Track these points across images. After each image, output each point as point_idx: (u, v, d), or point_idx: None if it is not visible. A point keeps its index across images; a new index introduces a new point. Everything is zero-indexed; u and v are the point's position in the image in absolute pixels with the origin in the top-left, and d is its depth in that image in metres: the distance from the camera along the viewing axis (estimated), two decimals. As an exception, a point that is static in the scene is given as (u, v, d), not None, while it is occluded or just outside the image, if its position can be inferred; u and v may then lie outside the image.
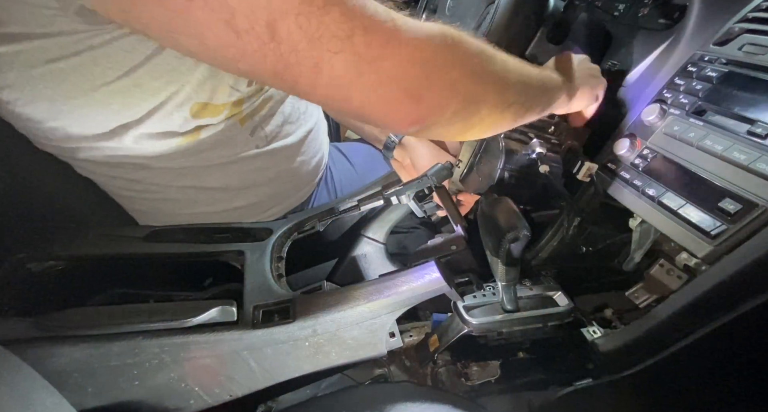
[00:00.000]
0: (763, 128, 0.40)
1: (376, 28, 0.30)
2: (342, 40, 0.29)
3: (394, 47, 0.30)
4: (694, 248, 0.41)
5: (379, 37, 0.30)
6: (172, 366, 0.41)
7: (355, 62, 0.30)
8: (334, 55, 0.29)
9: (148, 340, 0.40)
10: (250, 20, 0.27)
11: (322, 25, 0.28)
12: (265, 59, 0.29)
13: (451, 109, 0.34)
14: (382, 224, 0.68)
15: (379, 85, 0.31)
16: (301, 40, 0.28)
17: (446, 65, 0.33)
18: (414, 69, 0.31)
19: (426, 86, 0.32)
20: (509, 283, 0.49)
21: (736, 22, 0.49)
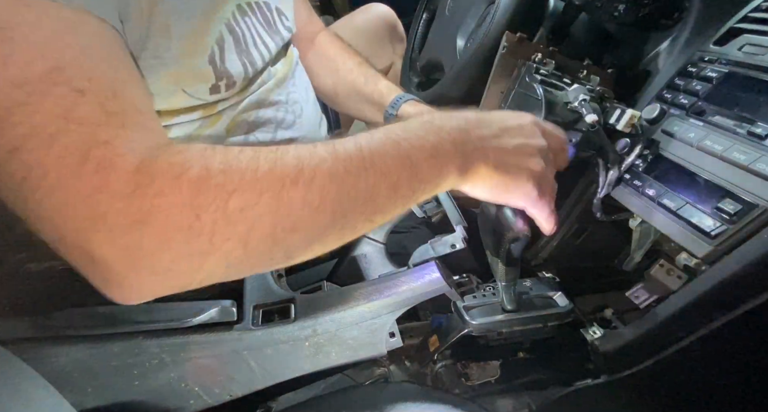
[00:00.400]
0: (763, 128, 0.40)
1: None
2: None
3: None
4: (694, 248, 0.41)
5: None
6: (171, 366, 0.41)
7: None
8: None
9: (148, 340, 0.40)
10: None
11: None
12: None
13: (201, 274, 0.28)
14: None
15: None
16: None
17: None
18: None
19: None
20: (509, 283, 0.49)
21: (736, 22, 0.49)
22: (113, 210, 0.25)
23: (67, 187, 0.25)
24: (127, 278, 0.27)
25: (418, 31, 0.90)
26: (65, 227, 0.26)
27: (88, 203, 0.25)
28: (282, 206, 0.28)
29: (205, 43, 0.44)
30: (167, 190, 0.26)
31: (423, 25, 0.89)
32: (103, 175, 0.25)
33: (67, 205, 0.25)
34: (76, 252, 0.27)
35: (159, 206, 0.26)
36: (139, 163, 0.26)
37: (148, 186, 0.26)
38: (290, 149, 0.30)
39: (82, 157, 0.25)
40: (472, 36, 0.72)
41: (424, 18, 0.89)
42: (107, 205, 0.25)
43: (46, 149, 0.25)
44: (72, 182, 0.25)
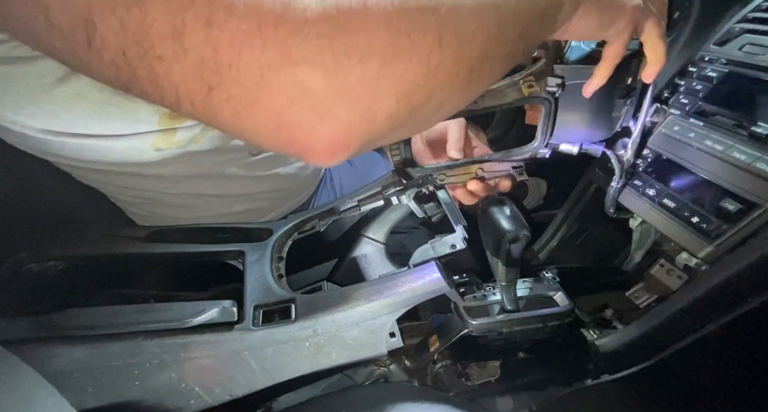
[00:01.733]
0: (763, 128, 0.40)
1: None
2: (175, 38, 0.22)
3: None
4: (694, 248, 0.41)
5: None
6: (172, 366, 0.41)
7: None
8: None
9: (149, 340, 0.40)
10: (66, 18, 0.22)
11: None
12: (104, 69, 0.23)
13: (383, 116, 0.27)
14: (383, 224, 0.68)
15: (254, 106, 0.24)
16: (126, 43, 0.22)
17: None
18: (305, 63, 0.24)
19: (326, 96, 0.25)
20: (509, 283, 0.49)
21: (736, 22, 0.49)
22: (313, 18, 0.24)
23: (259, 11, 0.23)
24: (340, 98, 0.25)
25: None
26: (267, 55, 0.23)
27: (287, 19, 0.23)
28: (461, 12, 0.28)
29: None
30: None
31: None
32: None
33: (263, 28, 0.23)
34: (283, 84, 0.24)
35: (358, 3, 0.25)
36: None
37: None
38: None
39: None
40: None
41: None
42: (306, 14, 0.23)
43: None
44: (262, 5, 0.23)
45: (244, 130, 0.27)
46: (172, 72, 0.23)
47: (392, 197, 0.57)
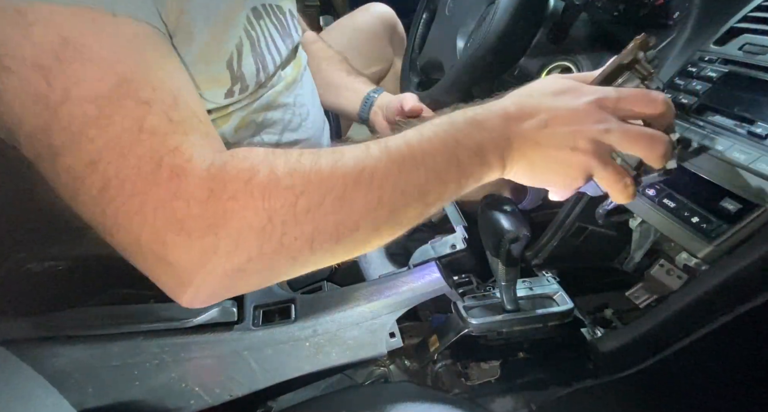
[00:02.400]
0: (763, 128, 0.40)
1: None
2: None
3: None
4: (694, 248, 0.41)
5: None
6: (172, 366, 0.41)
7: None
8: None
9: (149, 340, 0.40)
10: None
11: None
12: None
13: (247, 284, 0.31)
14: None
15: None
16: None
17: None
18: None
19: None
20: (509, 283, 0.49)
21: (736, 22, 0.49)
22: (190, 215, 0.27)
23: (145, 194, 0.26)
24: (201, 280, 0.28)
25: (418, 31, 0.90)
26: (142, 233, 0.27)
27: (166, 209, 0.26)
28: (345, 205, 0.29)
29: (224, 48, 0.45)
30: (240, 195, 0.27)
31: (423, 25, 0.89)
32: (177, 182, 0.27)
33: (145, 211, 0.26)
34: (150, 257, 0.28)
35: (233, 210, 0.27)
36: (209, 168, 0.28)
37: (222, 191, 0.27)
38: (346, 151, 0.31)
39: (156, 165, 0.26)
40: (472, 36, 0.72)
41: (424, 18, 0.89)
42: (185, 210, 0.27)
43: (122, 160, 0.26)
44: (149, 189, 0.26)
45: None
46: (71, 205, 0.29)
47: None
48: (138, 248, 0.28)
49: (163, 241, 0.27)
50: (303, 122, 0.63)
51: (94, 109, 0.26)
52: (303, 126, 0.63)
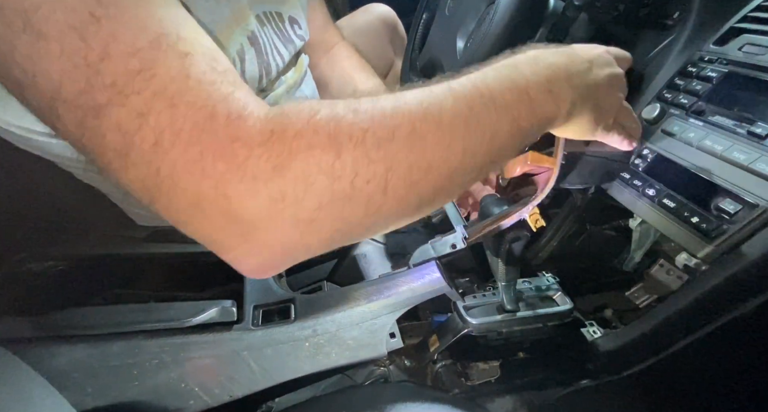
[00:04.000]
0: (763, 128, 0.40)
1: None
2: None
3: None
4: (694, 248, 0.41)
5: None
6: (171, 366, 0.41)
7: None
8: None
9: (148, 340, 0.40)
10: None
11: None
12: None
13: (314, 247, 0.28)
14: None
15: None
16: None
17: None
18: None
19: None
20: (509, 283, 0.49)
21: (736, 22, 0.49)
22: (253, 157, 0.25)
23: (202, 143, 0.24)
24: (271, 235, 0.26)
25: (418, 31, 0.90)
26: (202, 186, 0.25)
27: (227, 154, 0.25)
28: (416, 143, 0.28)
29: (226, 55, 0.45)
30: (304, 132, 0.26)
31: (423, 25, 0.89)
32: (236, 126, 0.25)
33: (204, 161, 0.25)
34: (214, 214, 0.25)
35: (299, 148, 0.25)
36: (268, 113, 0.26)
37: (284, 131, 0.25)
38: (406, 93, 0.30)
39: (210, 113, 0.25)
40: (472, 36, 0.72)
41: (424, 18, 0.89)
42: (246, 152, 0.25)
43: (173, 109, 0.24)
44: (206, 137, 0.25)
45: (186, 232, 0.28)
46: (119, 178, 0.26)
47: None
48: (199, 207, 0.26)
49: (226, 192, 0.25)
50: None
51: (136, 62, 0.25)
52: None
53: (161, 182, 0.25)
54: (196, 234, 0.27)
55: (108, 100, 0.24)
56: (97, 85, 0.24)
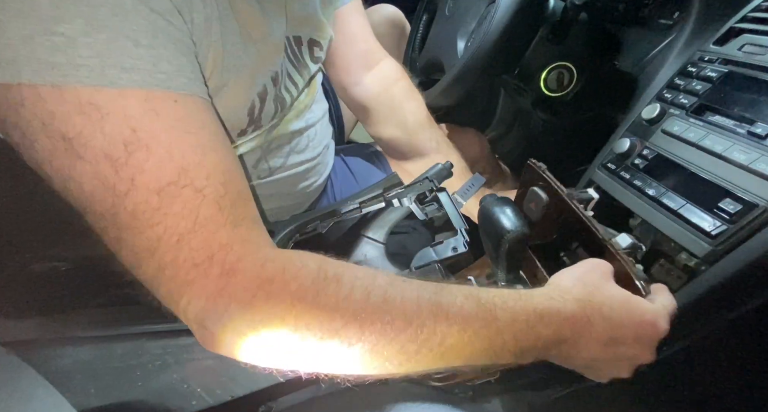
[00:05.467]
0: (763, 128, 0.40)
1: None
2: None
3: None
4: (694, 248, 0.41)
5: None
6: (174, 367, 0.41)
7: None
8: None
9: (152, 341, 0.40)
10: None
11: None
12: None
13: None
14: (382, 224, 0.68)
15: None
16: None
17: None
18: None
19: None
20: (509, 283, 0.49)
21: (736, 22, 0.49)
22: (232, 311, 0.29)
23: (195, 284, 0.29)
24: (222, 348, 0.31)
25: (418, 32, 0.90)
26: (188, 311, 0.29)
27: (212, 301, 0.29)
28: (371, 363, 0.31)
29: (247, 98, 0.45)
30: (281, 313, 0.29)
31: (423, 26, 0.89)
32: (226, 280, 0.29)
33: (192, 297, 0.29)
34: (188, 319, 0.30)
35: (271, 319, 0.29)
36: (259, 274, 0.29)
37: (264, 302, 0.29)
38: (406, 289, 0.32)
39: (208, 259, 0.29)
40: (472, 36, 0.72)
41: (424, 18, 0.89)
42: (226, 306, 0.28)
43: (177, 250, 0.29)
44: (200, 280, 0.29)
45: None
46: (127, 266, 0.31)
47: (394, 200, 0.58)
48: (182, 316, 0.30)
49: (203, 321, 0.29)
50: (310, 143, 0.61)
51: (156, 199, 0.28)
52: (310, 146, 0.62)
53: (160, 292, 0.30)
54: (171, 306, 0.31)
55: (127, 226, 0.29)
56: (121, 211, 0.29)
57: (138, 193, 0.28)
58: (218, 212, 0.30)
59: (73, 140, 0.28)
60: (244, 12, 0.41)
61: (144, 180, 0.28)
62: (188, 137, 0.30)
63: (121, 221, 0.29)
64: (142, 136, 0.29)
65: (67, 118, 0.28)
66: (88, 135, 0.28)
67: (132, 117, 0.29)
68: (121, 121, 0.28)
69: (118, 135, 0.28)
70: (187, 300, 0.29)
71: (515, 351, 0.33)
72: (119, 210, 0.28)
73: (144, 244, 0.29)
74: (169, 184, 0.29)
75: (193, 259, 0.29)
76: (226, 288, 0.28)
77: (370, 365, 0.31)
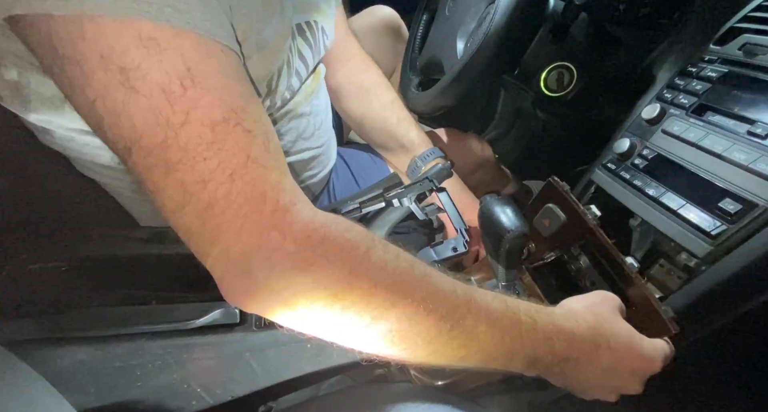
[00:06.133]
0: (763, 128, 0.40)
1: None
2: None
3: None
4: (694, 248, 0.41)
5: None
6: (174, 367, 0.41)
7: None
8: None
9: (152, 341, 0.40)
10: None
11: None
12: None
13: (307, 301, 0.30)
14: (382, 224, 0.68)
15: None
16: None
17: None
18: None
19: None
20: (509, 283, 0.49)
21: (736, 22, 0.49)
22: (282, 249, 0.28)
23: (248, 218, 0.28)
24: (259, 296, 0.30)
25: (418, 32, 0.90)
26: (232, 249, 0.29)
27: (262, 237, 0.28)
28: (418, 320, 0.31)
29: (269, 70, 0.46)
30: (333, 258, 0.29)
31: (423, 26, 0.89)
32: (280, 218, 0.29)
33: (242, 232, 0.28)
34: (232, 266, 0.29)
35: (320, 267, 0.29)
36: (314, 220, 0.29)
37: (318, 245, 0.29)
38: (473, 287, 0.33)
39: (261, 195, 0.29)
40: (472, 36, 0.72)
41: (424, 18, 0.89)
42: (278, 242, 0.28)
43: (231, 183, 0.28)
44: (252, 215, 0.28)
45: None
46: (165, 214, 0.30)
47: (394, 200, 0.58)
48: (223, 257, 0.30)
49: (248, 262, 0.29)
50: (316, 131, 0.63)
51: (209, 133, 0.28)
52: (316, 135, 0.63)
53: (203, 233, 0.29)
54: (209, 268, 0.31)
55: (179, 160, 0.28)
56: (174, 145, 0.28)
57: (192, 127, 0.28)
58: (267, 154, 0.30)
59: (131, 73, 0.28)
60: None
61: (198, 115, 0.28)
62: (235, 84, 0.31)
63: (172, 155, 0.28)
64: (197, 74, 0.29)
65: (126, 51, 0.28)
66: (146, 68, 0.28)
67: (187, 56, 0.29)
68: (177, 58, 0.29)
69: (175, 71, 0.28)
70: (237, 237, 0.28)
71: (528, 359, 0.34)
72: (171, 145, 0.28)
73: (195, 177, 0.28)
74: (222, 120, 0.29)
75: (247, 193, 0.28)
76: (280, 225, 0.28)
77: (401, 336, 0.31)
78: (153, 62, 0.28)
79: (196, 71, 0.29)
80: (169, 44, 0.29)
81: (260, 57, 0.43)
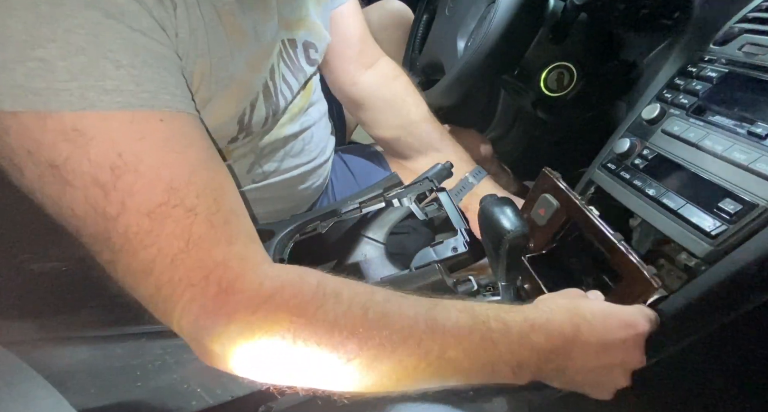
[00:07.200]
0: (763, 128, 0.40)
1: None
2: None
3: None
4: (694, 248, 0.41)
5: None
6: (174, 367, 0.41)
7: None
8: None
9: (152, 341, 0.40)
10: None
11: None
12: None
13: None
14: (382, 224, 0.68)
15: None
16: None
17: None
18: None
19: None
20: (509, 283, 0.49)
21: (736, 22, 0.49)
22: (230, 332, 0.29)
23: (195, 299, 0.29)
24: (221, 365, 0.31)
25: (418, 32, 0.90)
26: (185, 326, 0.30)
27: (210, 319, 0.29)
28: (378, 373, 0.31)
29: (237, 107, 0.45)
30: (279, 328, 0.29)
31: (423, 26, 0.89)
32: (224, 300, 0.29)
33: (190, 314, 0.29)
34: (186, 335, 0.31)
35: (270, 338, 0.29)
36: (258, 291, 0.29)
37: (263, 321, 0.29)
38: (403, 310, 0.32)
39: (203, 281, 0.29)
40: (472, 36, 0.72)
41: (424, 18, 0.89)
42: (224, 326, 0.29)
43: (173, 270, 0.29)
44: (198, 300, 0.29)
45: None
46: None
47: (394, 200, 0.58)
48: (180, 331, 0.31)
49: (201, 339, 0.29)
50: (305, 146, 0.61)
51: (146, 221, 0.28)
52: (306, 150, 0.61)
53: (158, 310, 0.31)
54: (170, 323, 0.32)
55: (121, 248, 0.29)
56: (114, 234, 0.28)
57: (129, 216, 0.28)
58: (211, 229, 0.30)
59: (61, 167, 0.28)
60: (231, 22, 0.40)
61: (134, 203, 0.28)
62: (176, 157, 0.30)
63: (114, 243, 0.29)
64: (129, 159, 0.28)
65: (53, 145, 0.27)
66: (75, 161, 0.28)
67: (117, 141, 0.28)
68: (106, 145, 0.28)
69: (105, 160, 0.28)
70: (186, 319, 0.29)
71: (512, 365, 0.34)
72: (111, 234, 0.28)
73: (139, 266, 0.29)
74: (159, 205, 0.29)
75: (189, 278, 0.29)
76: (224, 307, 0.28)
77: (368, 381, 0.31)
78: (81, 154, 0.28)
79: (129, 155, 0.28)
80: (96, 132, 0.28)
81: (225, 96, 0.42)
